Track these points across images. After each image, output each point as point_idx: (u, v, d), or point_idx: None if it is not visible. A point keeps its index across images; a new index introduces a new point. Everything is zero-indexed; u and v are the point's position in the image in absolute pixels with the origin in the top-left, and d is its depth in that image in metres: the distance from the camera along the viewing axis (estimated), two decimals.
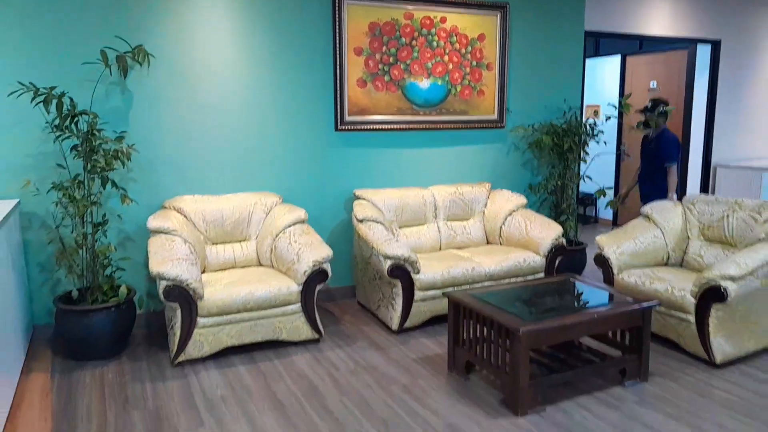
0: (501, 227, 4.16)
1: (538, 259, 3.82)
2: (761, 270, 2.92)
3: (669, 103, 4.29)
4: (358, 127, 4.07)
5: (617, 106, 4.46)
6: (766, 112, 5.80)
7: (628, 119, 6.14)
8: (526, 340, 2.44)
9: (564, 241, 3.89)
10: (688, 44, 5.51)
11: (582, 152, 4.47)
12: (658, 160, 4.20)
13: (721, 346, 2.94)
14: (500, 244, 4.17)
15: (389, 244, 3.45)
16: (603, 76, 6.82)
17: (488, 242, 4.27)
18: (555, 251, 3.84)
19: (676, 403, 2.61)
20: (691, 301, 3.00)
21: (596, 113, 6.89)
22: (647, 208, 3.74)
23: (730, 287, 2.82)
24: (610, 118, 4.50)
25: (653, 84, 6.11)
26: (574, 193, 4.65)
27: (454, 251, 4.00)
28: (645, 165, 4.33)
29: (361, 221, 3.73)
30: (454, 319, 2.91)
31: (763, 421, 2.45)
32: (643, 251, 3.52)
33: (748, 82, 5.63)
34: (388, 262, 3.38)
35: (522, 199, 4.25)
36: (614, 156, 6.59)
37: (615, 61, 6.59)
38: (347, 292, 4.22)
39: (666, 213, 3.67)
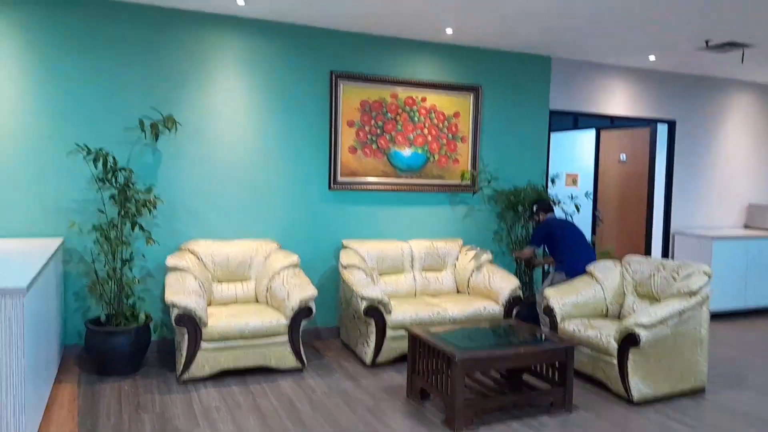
0: (469, 278, 4.77)
1: (497, 308, 4.40)
2: (670, 320, 3.50)
3: (542, 198, 4.99)
4: (349, 187, 4.79)
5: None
6: (717, 185, 6.45)
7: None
8: (462, 366, 3.03)
9: (521, 292, 4.49)
10: (650, 123, 6.25)
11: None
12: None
13: (638, 386, 3.49)
14: (468, 293, 4.77)
15: (366, 287, 4.08)
16: (582, 148, 7.55)
17: (458, 291, 4.86)
18: (512, 301, 4.43)
19: (590, 431, 3.15)
20: (614, 346, 3.57)
21: (575, 181, 7.56)
22: (591, 267, 4.35)
23: (642, 334, 3.40)
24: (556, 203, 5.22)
25: (623, 156, 6.82)
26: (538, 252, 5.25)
27: (427, 298, 4.59)
28: None
29: (345, 267, 4.38)
30: (412, 351, 3.50)
31: None
32: (584, 303, 4.10)
33: (701, 158, 6.32)
34: (364, 303, 3.99)
35: (488, 255, 4.86)
36: (590, 222, 7.20)
37: (591, 134, 7.34)
38: (333, 332, 4.82)
39: (607, 271, 4.28)
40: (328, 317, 4.80)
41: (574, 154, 7.62)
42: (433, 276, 4.83)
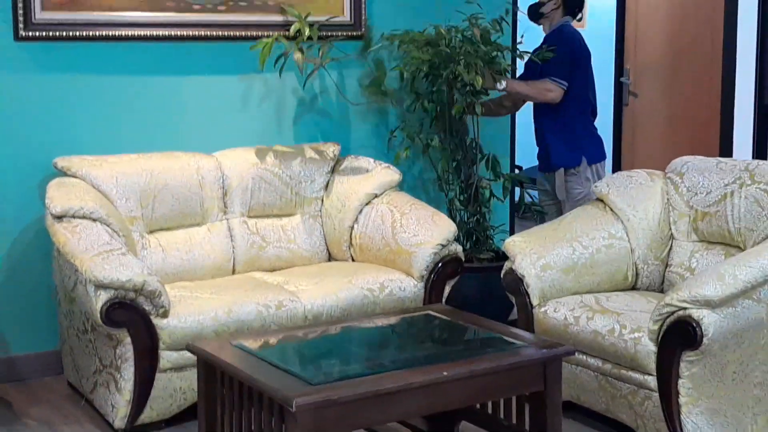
0: (352, 227, 4.55)
1: (409, 284, 4.15)
2: (765, 288, 3.26)
3: None
4: (66, 34, 4.41)
5: None
6: None
7: None
8: (306, 420, 2.63)
9: (459, 248, 4.20)
10: None
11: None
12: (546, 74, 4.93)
13: (700, 428, 3.26)
14: (351, 258, 4.54)
15: (107, 258, 3.60)
16: None
17: (330, 256, 4.63)
18: (441, 268, 4.17)
19: None
20: (648, 351, 3.30)
21: (580, 19, 7.58)
22: (603, 185, 4.12)
23: (707, 319, 3.12)
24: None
25: None
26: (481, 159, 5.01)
27: (259, 275, 4.36)
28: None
29: (59, 218, 3.89)
30: (205, 396, 3.12)
31: None
32: (588, 262, 3.88)
33: None
34: (103, 295, 3.52)
35: (393, 175, 4.71)
36: (611, 96, 7.10)
37: None
38: (49, 363, 4.48)
39: (633, 191, 4.09)
40: (38, 332, 4.52)
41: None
42: (274, 227, 4.67)
